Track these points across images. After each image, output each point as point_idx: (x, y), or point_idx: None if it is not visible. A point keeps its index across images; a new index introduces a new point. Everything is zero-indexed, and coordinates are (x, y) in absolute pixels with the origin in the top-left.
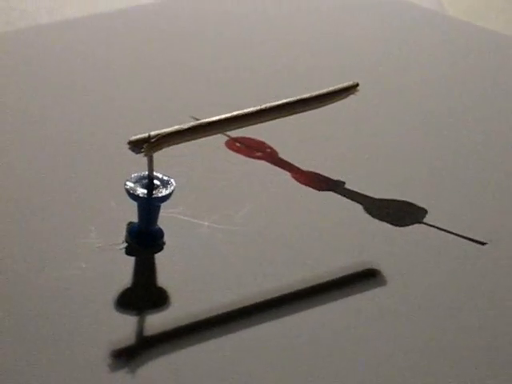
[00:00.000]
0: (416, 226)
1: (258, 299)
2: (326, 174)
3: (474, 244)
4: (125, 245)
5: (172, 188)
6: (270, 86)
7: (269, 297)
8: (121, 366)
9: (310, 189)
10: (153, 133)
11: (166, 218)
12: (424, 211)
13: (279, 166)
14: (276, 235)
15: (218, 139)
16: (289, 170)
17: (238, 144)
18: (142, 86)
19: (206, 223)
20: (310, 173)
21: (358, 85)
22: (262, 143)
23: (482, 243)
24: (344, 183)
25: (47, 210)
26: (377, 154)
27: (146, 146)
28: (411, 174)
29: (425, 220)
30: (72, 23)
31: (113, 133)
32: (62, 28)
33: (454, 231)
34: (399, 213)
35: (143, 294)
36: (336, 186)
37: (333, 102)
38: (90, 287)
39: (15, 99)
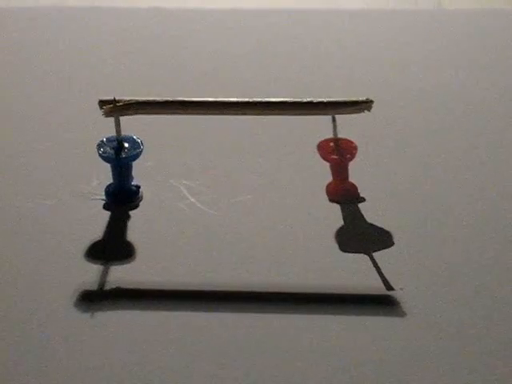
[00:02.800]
0: (355, 255)
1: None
2: (364, 189)
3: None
4: (103, 197)
5: (138, 150)
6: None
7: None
8: (80, 311)
9: (324, 198)
10: (122, 98)
11: (167, 185)
12: (387, 245)
13: (332, 172)
14: (246, 232)
15: (317, 135)
16: (335, 177)
17: (331, 143)
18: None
19: (192, 199)
20: (349, 183)
21: (372, 101)
22: (354, 148)
23: (390, 288)
24: (363, 200)
25: (62, 153)
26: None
27: (106, 107)
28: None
29: (376, 254)
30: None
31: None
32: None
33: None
34: (363, 238)
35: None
36: (348, 201)
37: (340, 114)
38: (56, 227)
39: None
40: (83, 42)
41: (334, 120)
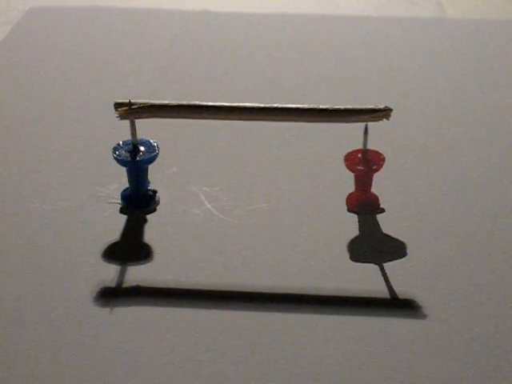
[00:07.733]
0: (365, 265)
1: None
2: (386, 200)
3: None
4: (119, 201)
5: (153, 154)
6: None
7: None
8: (99, 306)
9: (343, 207)
10: (137, 101)
11: (186, 191)
12: (400, 256)
13: (356, 183)
14: (257, 238)
15: (344, 145)
16: (357, 188)
17: (359, 155)
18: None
19: (208, 205)
20: (371, 194)
21: (390, 110)
22: (381, 160)
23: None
24: (382, 211)
25: (82, 156)
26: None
27: (120, 109)
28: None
29: (387, 264)
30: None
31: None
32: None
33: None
34: (376, 248)
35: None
36: (367, 212)
37: (357, 122)
38: (74, 228)
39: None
40: (92, 42)
41: (365, 132)
